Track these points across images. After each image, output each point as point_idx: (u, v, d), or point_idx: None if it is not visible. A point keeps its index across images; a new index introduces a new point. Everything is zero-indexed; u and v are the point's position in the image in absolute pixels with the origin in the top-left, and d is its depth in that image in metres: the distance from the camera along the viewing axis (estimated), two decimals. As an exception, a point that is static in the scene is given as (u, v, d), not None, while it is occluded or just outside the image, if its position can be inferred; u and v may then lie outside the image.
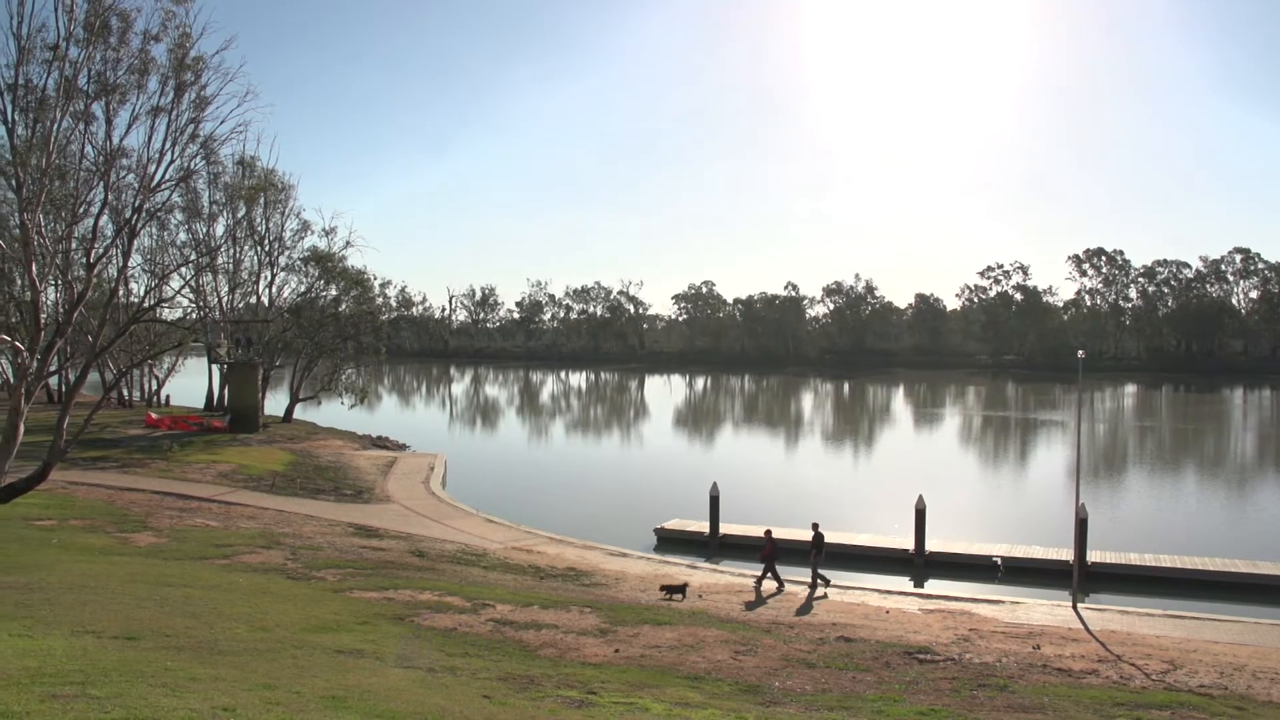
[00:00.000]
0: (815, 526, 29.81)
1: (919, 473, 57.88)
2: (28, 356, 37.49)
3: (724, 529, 36.94)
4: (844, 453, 73.20)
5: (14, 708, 9.17)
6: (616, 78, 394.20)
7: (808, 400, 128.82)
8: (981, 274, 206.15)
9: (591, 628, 20.92)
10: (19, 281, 49.65)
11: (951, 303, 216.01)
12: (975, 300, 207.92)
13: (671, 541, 37.08)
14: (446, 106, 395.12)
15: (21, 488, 35.84)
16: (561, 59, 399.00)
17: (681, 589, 26.99)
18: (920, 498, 33.97)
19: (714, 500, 36.82)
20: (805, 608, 25.95)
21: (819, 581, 28.65)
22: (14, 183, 36.74)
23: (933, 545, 34.31)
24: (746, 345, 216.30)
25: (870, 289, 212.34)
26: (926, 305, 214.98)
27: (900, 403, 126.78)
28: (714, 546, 36.43)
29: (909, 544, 34.45)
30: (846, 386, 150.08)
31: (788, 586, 28.65)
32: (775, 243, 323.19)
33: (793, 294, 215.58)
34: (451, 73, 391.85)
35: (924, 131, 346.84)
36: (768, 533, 29.58)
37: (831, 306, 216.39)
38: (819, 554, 29.03)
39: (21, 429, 36.40)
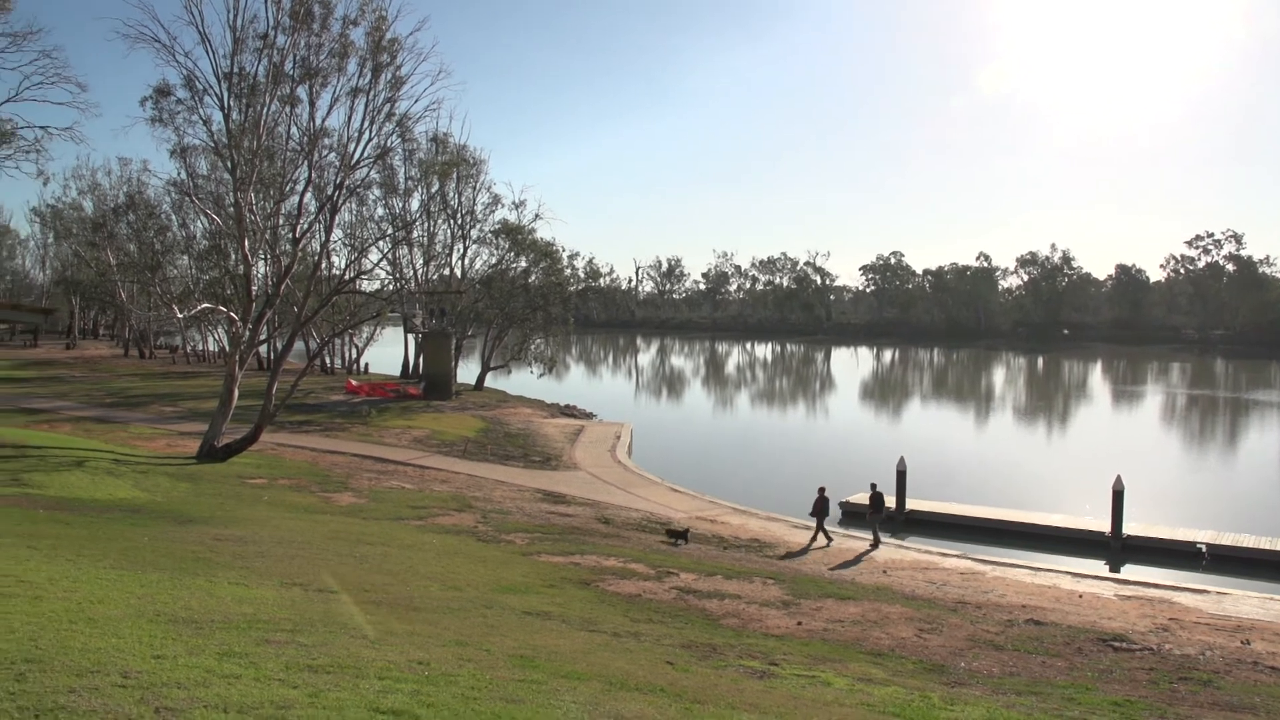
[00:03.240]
0: (873, 487, 31.69)
1: (1116, 452, 55.23)
2: (241, 326, 39.84)
3: (910, 504, 36.21)
4: (1036, 430, 70.60)
5: (234, 649, 9.81)
6: (803, 48, 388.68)
7: (999, 375, 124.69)
8: (1189, 243, 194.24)
9: (774, 599, 20.87)
10: (233, 256, 52.77)
11: (1155, 274, 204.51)
12: (1181, 271, 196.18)
13: (857, 515, 36.49)
14: (630, 79, 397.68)
15: (236, 448, 38.21)
16: (749, 29, 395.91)
17: (684, 534, 29.10)
18: (1118, 478, 32.36)
19: (901, 475, 36.12)
20: (988, 588, 25.24)
21: (877, 540, 30.70)
22: (229, 164, 38.96)
23: (1130, 529, 32.58)
24: (936, 317, 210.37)
25: (1067, 259, 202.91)
26: (1128, 276, 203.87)
27: (1097, 378, 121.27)
28: (899, 522, 35.65)
29: (1104, 526, 32.88)
30: (1040, 361, 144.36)
31: (955, 562, 27.95)
32: (967, 212, 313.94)
33: (984, 264, 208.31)
34: (634, 45, 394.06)
35: (1125, 93, 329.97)
36: (821, 489, 30.95)
37: (1025, 278, 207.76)
38: (877, 513, 31.18)
39: (236, 394, 38.79)
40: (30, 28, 41.48)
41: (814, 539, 30.75)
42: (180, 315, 45.87)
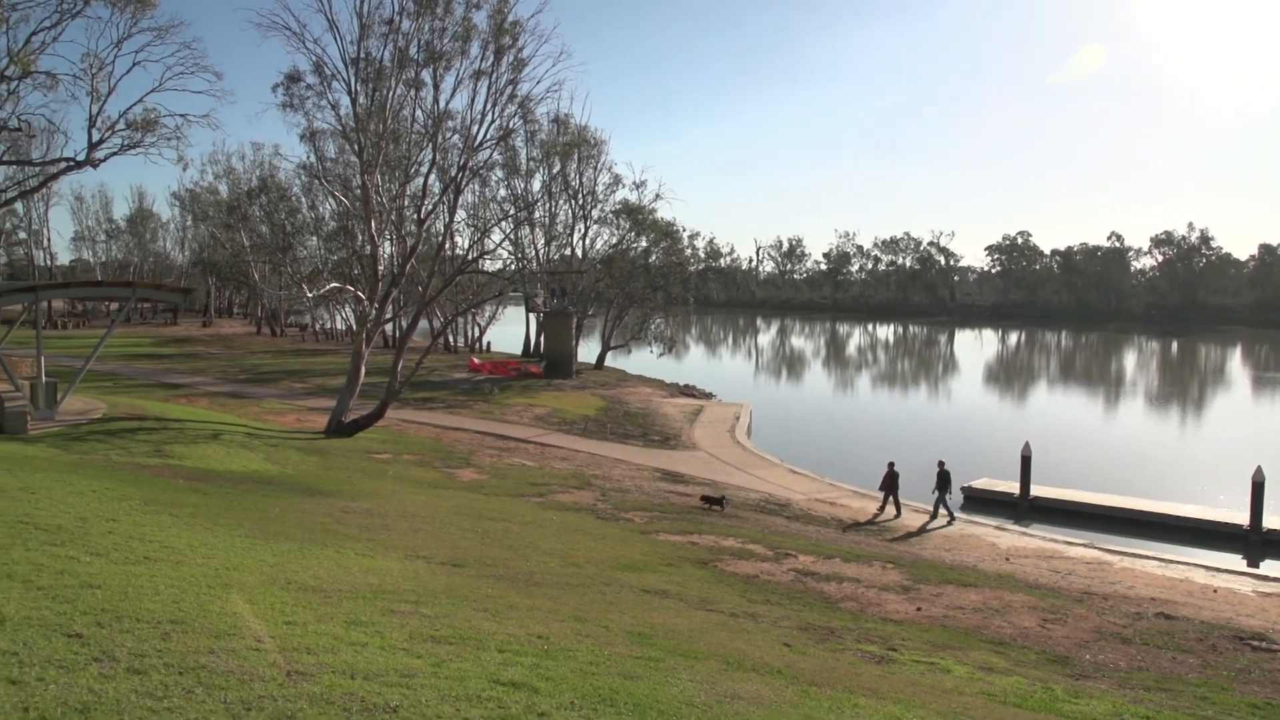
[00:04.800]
0: (940, 464, 31.71)
1: (1256, 442, 52.72)
2: (368, 305, 40.82)
3: (1035, 491, 35.25)
4: (1169, 417, 68.00)
5: (361, 618, 10.12)
6: (927, 24, 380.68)
7: (1130, 359, 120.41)
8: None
9: (893, 584, 20.65)
10: (360, 237, 54.03)
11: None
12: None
13: (979, 501, 35.80)
14: (755, 59, 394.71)
15: (363, 423, 39.23)
16: (875, 5, 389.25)
17: (720, 500, 29.99)
18: (1259, 469, 30.71)
19: (1025, 461, 35.14)
20: (1115, 578, 24.51)
21: (940, 514, 31.31)
22: (356, 147, 39.88)
23: (1271, 522, 30.93)
24: (1064, 299, 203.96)
25: (1205, 239, 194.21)
26: (1273, 257, 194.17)
27: (1236, 364, 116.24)
28: (1024, 508, 34.72)
29: (1242, 519, 31.33)
30: (1174, 345, 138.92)
31: (1081, 551, 27.16)
32: (1097, 190, 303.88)
33: (1116, 245, 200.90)
34: (758, 24, 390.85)
35: (1271, 67, 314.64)
36: (890, 464, 32.03)
37: (1160, 258, 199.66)
38: (943, 490, 31.36)
39: (362, 371, 39.80)
40: (172, 22, 42.98)
41: (882, 509, 32.07)
42: (309, 294, 47.15)
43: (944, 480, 31.55)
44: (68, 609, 8.83)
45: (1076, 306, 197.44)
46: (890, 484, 32.01)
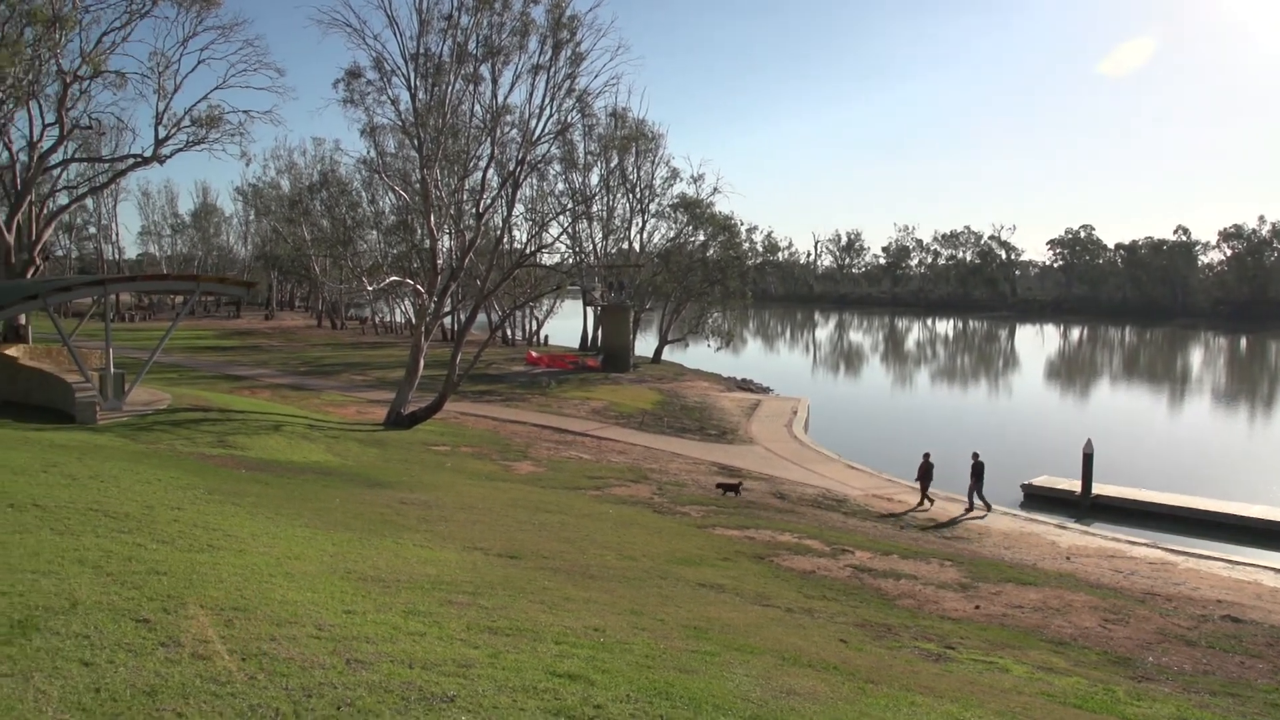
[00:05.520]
0: (975, 456, 31.77)
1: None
2: (427, 298, 41.20)
3: (1097, 489, 34.65)
4: (1236, 415, 66.53)
5: (419, 608, 10.24)
6: (986, 17, 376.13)
7: (1196, 355, 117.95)
8: None
9: (952, 581, 20.45)
10: (419, 231, 54.57)
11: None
12: None
13: (1039, 499, 35.27)
14: (813, 53, 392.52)
15: (422, 416, 39.60)
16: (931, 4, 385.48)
17: (735, 487, 30.97)
18: (1330, 467, 30.12)
19: (1087, 458, 34.53)
20: (1179, 579, 24.06)
21: (976, 504, 31.58)
22: (416, 142, 40.24)
23: (1348, 525, 29.95)
24: (1128, 294, 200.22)
25: (1277, 232, 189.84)
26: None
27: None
28: (1085, 507, 34.04)
29: (1316, 520, 30.53)
30: (1243, 341, 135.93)
31: (1144, 551, 26.68)
32: (1164, 181, 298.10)
33: (1182, 238, 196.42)
34: (817, 19, 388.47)
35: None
36: (925, 455, 32.38)
37: (1228, 252, 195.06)
38: (977, 481, 31.54)
39: (421, 364, 40.18)
40: (235, 20, 43.88)
41: (921, 503, 32.10)
42: (369, 288, 47.64)
43: (978, 471, 31.59)
44: (135, 594, 9.03)
45: (1140, 302, 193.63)
46: (925, 474, 32.31)
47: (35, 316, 39.22)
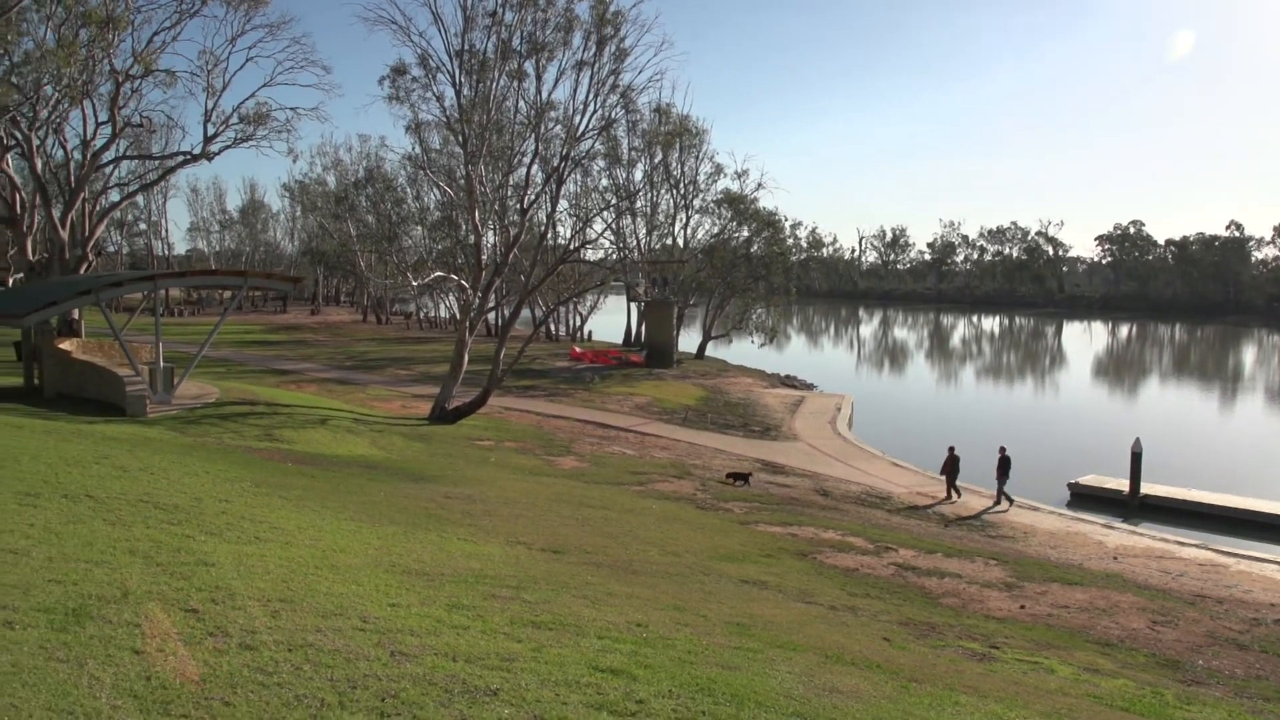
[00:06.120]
0: (1002, 450, 31.79)
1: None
2: (471, 294, 41.42)
3: (1145, 489, 34.13)
4: (1291, 412, 65.42)
5: (463, 601, 10.31)
6: (1031, 12, 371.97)
7: (1249, 353, 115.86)
8: None
9: (996, 580, 20.30)
10: (464, 227, 54.81)
11: None
12: None
13: (1086, 498, 34.85)
14: (855, 49, 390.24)
15: (466, 410, 39.83)
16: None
17: (745, 476, 31.65)
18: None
19: (1136, 457, 34.00)
20: (1231, 581, 23.68)
21: (1002, 499, 31.62)
22: (460, 138, 40.45)
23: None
24: (1178, 291, 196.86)
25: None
26: None
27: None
28: (1133, 507, 33.50)
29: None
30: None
31: (1194, 552, 26.29)
32: (1215, 174, 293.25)
33: (1235, 234, 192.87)
34: (863, 14, 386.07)
35: None
36: (950, 449, 32.81)
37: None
38: (1003, 476, 31.54)
39: (465, 359, 40.42)
40: (283, 18, 44.36)
41: (948, 495, 32.55)
42: (414, 283, 47.93)
43: (1004, 466, 31.59)
44: (184, 585, 9.17)
45: (1191, 298, 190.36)
46: (951, 468, 32.64)
47: (88, 311, 39.85)
